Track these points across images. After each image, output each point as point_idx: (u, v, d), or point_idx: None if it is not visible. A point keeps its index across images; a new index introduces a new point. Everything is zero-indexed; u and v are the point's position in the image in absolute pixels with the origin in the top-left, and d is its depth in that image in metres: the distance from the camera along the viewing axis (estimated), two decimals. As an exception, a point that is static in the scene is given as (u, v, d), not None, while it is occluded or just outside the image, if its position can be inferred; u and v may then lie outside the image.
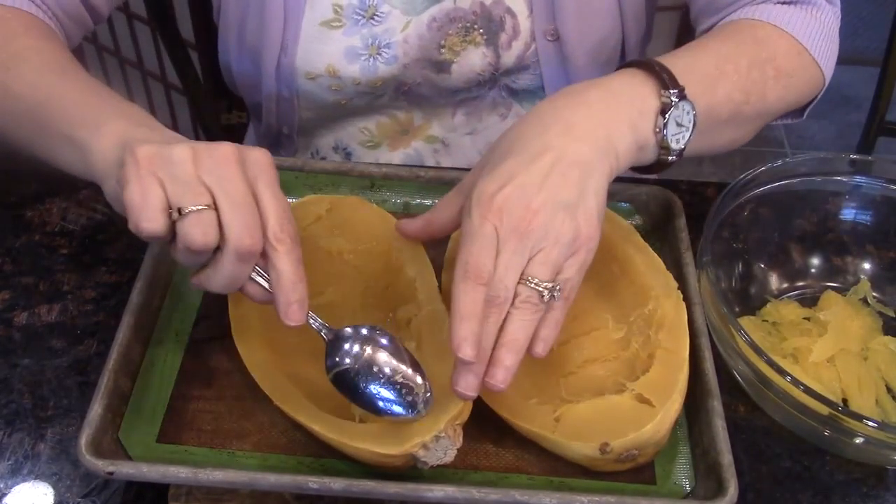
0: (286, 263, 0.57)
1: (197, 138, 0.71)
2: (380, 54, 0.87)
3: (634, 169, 0.71)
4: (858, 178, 0.80)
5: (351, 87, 0.90)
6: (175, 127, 1.94)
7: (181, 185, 0.55)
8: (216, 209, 0.56)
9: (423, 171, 0.81)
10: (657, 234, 0.79)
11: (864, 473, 0.67)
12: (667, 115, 0.65)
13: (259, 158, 0.58)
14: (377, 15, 0.87)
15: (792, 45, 0.76)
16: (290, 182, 0.81)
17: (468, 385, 0.58)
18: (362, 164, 0.82)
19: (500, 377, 0.58)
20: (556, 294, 0.59)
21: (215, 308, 0.72)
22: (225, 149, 0.57)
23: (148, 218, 0.55)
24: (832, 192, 0.81)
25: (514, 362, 0.58)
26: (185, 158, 0.56)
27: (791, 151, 2.35)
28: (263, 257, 0.58)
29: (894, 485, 0.67)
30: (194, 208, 0.55)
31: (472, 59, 0.89)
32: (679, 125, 0.66)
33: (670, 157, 0.68)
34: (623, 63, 0.72)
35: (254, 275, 0.59)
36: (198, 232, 0.55)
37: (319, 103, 0.94)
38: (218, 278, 0.58)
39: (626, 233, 0.74)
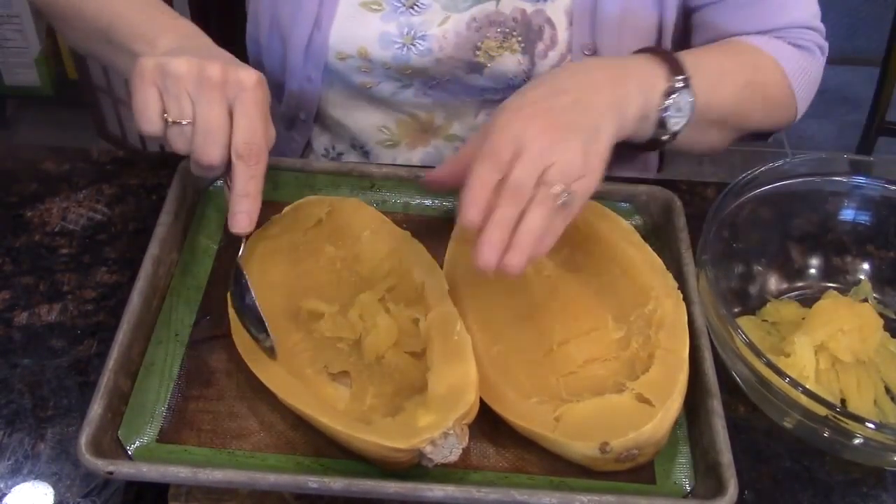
0: (240, 177, 0.65)
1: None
2: (414, 45, 0.87)
3: (625, 145, 0.75)
4: (858, 179, 0.80)
5: (381, 69, 0.90)
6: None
7: (172, 97, 0.64)
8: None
9: (422, 172, 0.81)
10: (657, 234, 0.79)
11: (863, 474, 0.67)
12: (671, 97, 0.72)
13: (242, 80, 0.65)
14: (417, 5, 0.87)
15: (783, 80, 0.84)
16: (290, 183, 0.81)
17: (487, 258, 0.61)
18: (362, 164, 0.82)
19: (516, 260, 0.62)
20: (567, 201, 0.63)
21: (215, 308, 0.72)
22: (213, 70, 0.64)
23: (146, 121, 0.65)
24: (832, 192, 0.81)
25: (530, 248, 0.62)
26: (179, 74, 0.64)
27: (791, 151, 2.35)
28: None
29: (893, 485, 0.67)
30: (179, 121, 0.64)
31: (507, 65, 0.89)
32: (679, 110, 0.73)
33: (664, 137, 0.75)
34: (637, 49, 0.78)
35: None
36: (178, 142, 0.66)
37: (346, 85, 0.93)
38: (191, 168, 0.68)
39: (626, 233, 0.74)
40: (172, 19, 0.76)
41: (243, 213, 0.65)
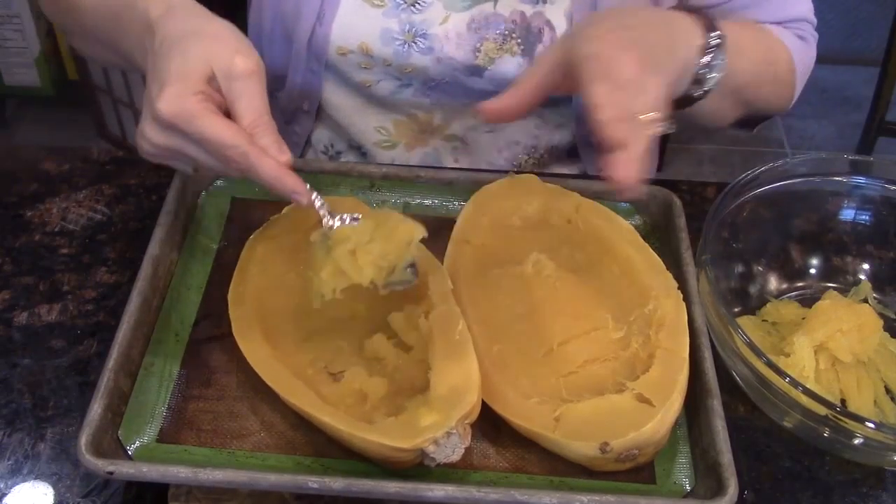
0: (258, 170, 0.62)
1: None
2: (415, 42, 0.88)
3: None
4: (858, 179, 0.80)
5: (381, 66, 0.90)
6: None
7: (173, 161, 0.67)
8: None
9: (422, 172, 0.81)
10: (657, 234, 0.79)
11: (863, 474, 0.67)
12: (709, 53, 0.72)
13: (164, 102, 0.62)
14: (419, 3, 0.87)
15: (790, 64, 0.88)
16: None
17: (628, 169, 0.60)
18: (361, 164, 0.82)
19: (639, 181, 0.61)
20: (661, 129, 0.63)
21: (215, 308, 0.72)
22: (164, 114, 0.62)
23: (183, 172, 0.72)
24: (832, 192, 0.81)
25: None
26: (150, 152, 0.65)
27: (791, 151, 2.35)
28: None
29: (893, 485, 0.67)
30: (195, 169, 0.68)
31: (507, 68, 0.89)
32: (713, 67, 0.73)
33: (696, 93, 0.73)
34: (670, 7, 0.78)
35: None
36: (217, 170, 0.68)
37: (345, 84, 0.94)
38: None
39: (626, 233, 0.74)
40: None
41: (293, 186, 0.65)
